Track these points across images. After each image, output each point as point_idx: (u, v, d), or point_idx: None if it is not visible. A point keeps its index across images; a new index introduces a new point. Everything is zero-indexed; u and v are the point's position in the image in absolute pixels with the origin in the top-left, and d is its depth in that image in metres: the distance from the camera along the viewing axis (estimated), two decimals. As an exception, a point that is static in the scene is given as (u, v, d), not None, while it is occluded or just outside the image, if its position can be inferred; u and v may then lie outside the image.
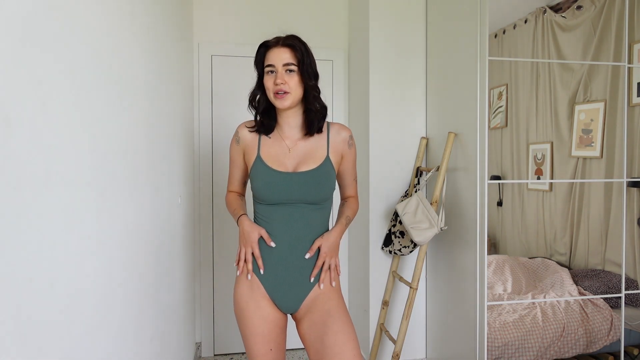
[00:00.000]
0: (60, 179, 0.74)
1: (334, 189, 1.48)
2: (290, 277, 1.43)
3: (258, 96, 1.46)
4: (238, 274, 1.45)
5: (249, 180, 1.53)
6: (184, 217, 2.23)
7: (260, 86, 1.45)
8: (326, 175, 1.43)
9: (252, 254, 1.43)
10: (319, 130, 1.47)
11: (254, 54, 2.42)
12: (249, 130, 1.50)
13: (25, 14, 0.63)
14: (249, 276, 1.42)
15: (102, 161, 0.95)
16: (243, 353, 2.85)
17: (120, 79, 1.10)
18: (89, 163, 0.87)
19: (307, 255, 1.42)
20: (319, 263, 1.43)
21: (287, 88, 1.37)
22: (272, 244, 1.41)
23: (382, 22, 2.50)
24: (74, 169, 0.80)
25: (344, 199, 1.62)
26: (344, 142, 1.50)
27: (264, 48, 1.43)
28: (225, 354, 2.84)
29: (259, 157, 1.44)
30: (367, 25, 2.50)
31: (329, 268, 1.44)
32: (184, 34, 2.31)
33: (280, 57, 1.38)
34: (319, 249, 1.43)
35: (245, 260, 1.43)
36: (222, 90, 2.77)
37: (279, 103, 1.39)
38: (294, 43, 1.39)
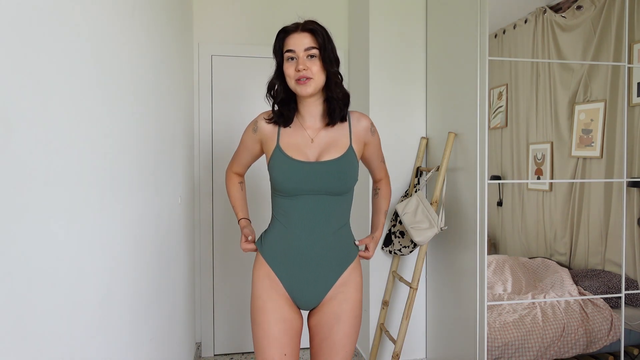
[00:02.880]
0: (61, 179, 0.74)
1: (357, 179, 1.43)
2: (310, 274, 1.38)
3: (277, 85, 1.39)
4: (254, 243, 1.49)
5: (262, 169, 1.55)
6: (184, 217, 2.23)
7: (279, 75, 1.38)
8: (350, 164, 1.38)
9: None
10: (342, 119, 1.41)
11: (254, 54, 2.41)
12: (268, 123, 1.43)
13: (25, 14, 0.63)
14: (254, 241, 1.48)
15: (102, 161, 0.95)
16: (243, 353, 2.85)
17: (120, 79, 1.10)
18: (89, 163, 0.87)
19: (357, 242, 1.48)
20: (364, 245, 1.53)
21: (310, 74, 1.31)
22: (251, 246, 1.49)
23: (382, 22, 2.50)
24: (74, 169, 0.80)
25: (376, 181, 1.64)
26: (366, 130, 1.45)
27: (283, 34, 1.36)
28: (225, 354, 2.84)
29: (278, 147, 1.37)
30: (367, 25, 2.50)
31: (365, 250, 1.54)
32: (184, 33, 2.31)
33: (301, 42, 1.32)
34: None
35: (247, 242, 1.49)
36: (222, 90, 2.77)
37: (301, 90, 1.32)
38: (314, 27, 1.34)
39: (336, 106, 1.38)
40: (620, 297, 2.23)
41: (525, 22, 3.00)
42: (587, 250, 2.74)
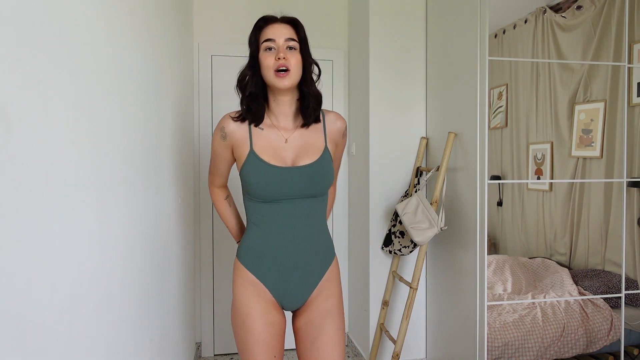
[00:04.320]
0: (60, 179, 0.74)
1: (333, 180, 1.41)
2: (294, 275, 1.36)
3: (247, 77, 1.32)
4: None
5: (235, 174, 1.42)
6: (184, 217, 2.23)
7: (252, 65, 1.31)
8: (327, 166, 1.35)
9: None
10: (316, 120, 1.37)
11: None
12: (235, 121, 1.34)
13: (25, 14, 0.63)
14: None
15: (102, 161, 0.95)
16: (243, 353, 2.85)
17: (120, 79, 1.10)
18: (89, 163, 0.87)
19: None
20: None
21: (289, 65, 1.25)
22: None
23: (382, 22, 2.50)
24: (74, 169, 0.80)
25: None
26: (340, 132, 1.43)
27: (262, 23, 1.32)
28: (225, 354, 2.84)
29: (252, 152, 1.30)
30: (367, 25, 2.50)
31: None
32: (184, 34, 2.31)
33: (282, 32, 1.28)
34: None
35: None
36: (222, 90, 2.77)
37: (280, 82, 1.26)
38: (296, 20, 1.33)
39: (310, 103, 1.33)
40: (620, 297, 2.23)
41: (525, 22, 3.00)
42: (587, 250, 2.74)
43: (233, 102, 2.75)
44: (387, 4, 2.49)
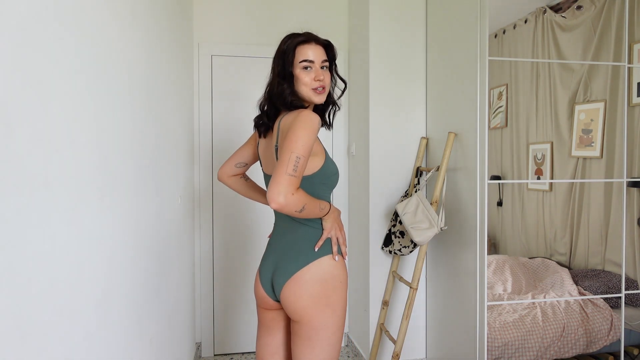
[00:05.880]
0: (61, 179, 0.74)
1: None
2: None
3: (287, 90, 1.38)
4: (346, 258, 1.44)
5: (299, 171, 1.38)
6: (184, 217, 2.23)
7: (290, 81, 1.39)
8: None
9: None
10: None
11: (254, 54, 2.38)
12: None
13: (25, 14, 0.63)
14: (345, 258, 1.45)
15: (102, 161, 0.95)
16: (243, 353, 2.85)
17: (120, 79, 1.10)
18: (89, 163, 0.87)
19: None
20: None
21: (325, 84, 1.40)
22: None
23: (382, 22, 2.50)
24: (74, 169, 0.80)
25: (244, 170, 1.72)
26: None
27: (300, 43, 1.38)
28: (225, 354, 2.84)
29: (325, 149, 1.44)
30: (367, 25, 2.50)
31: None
32: (184, 34, 2.31)
33: (318, 53, 1.39)
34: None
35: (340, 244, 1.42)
36: (222, 90, 2.77)
37: (318, 98, 1.39)
38: (329, 43, 1.44)
39: (332, 111, 1.51)
40: (620, 297, 2.23)
41: (525, 22, 2.99)
42: (587, 250, 2.74)
43: (233, 101, 2.76)
44: (387, 4, 2.49)
